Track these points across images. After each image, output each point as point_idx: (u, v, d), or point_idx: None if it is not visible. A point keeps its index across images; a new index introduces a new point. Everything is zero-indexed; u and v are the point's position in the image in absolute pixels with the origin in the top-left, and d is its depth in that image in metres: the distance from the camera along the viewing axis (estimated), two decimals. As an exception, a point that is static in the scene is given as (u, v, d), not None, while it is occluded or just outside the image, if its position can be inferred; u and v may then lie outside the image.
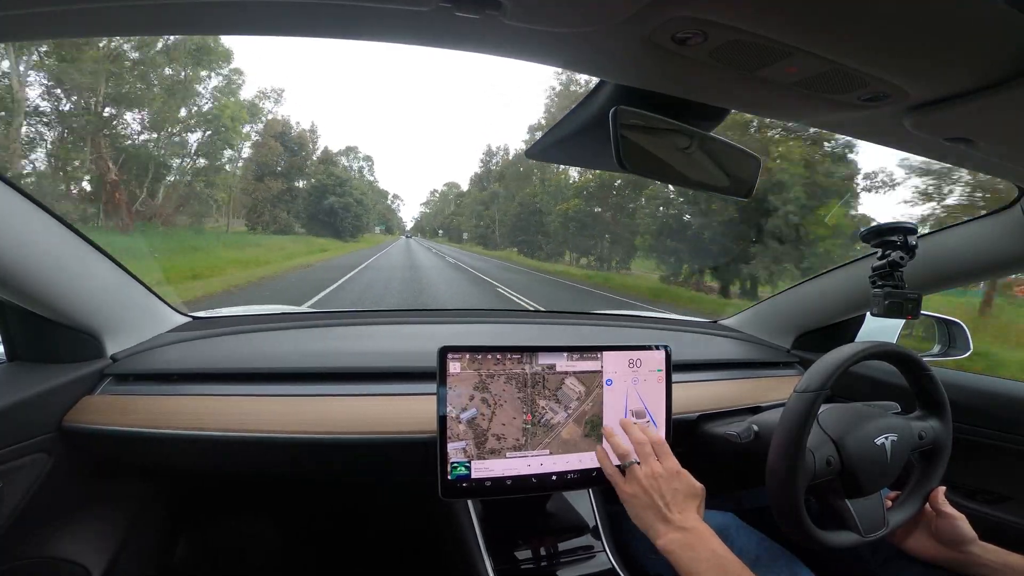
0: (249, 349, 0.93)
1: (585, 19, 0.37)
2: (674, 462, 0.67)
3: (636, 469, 0.66)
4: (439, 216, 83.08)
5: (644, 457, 0.67)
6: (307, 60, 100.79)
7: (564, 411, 0.76)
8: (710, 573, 0.56)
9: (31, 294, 0.67)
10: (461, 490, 0.73)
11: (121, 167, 17.61)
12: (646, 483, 0.64)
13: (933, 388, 0.77)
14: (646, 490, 0.64)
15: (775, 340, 1.28)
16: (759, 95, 0.50)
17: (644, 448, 0.68)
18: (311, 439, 0.75)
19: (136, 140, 18.67)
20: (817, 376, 0.67)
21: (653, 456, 0.67)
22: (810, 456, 0.67)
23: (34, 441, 0.67)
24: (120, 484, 0.88)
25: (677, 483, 0.64)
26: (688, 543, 0.59)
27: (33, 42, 11.23)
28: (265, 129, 29.04)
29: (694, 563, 0.57)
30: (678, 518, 0.61)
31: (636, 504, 0.64)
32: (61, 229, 0.68)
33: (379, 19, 0.38)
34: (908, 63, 0.40)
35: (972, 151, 0.57)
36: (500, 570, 0.77)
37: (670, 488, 0.64)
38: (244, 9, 0.38)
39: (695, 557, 0.57)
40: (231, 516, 1.14)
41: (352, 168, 49.60)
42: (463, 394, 0.72)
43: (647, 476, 0.65)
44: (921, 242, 0.75)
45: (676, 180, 0.58)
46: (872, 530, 0.70)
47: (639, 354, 0.80)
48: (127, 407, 0.75)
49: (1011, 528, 0.90)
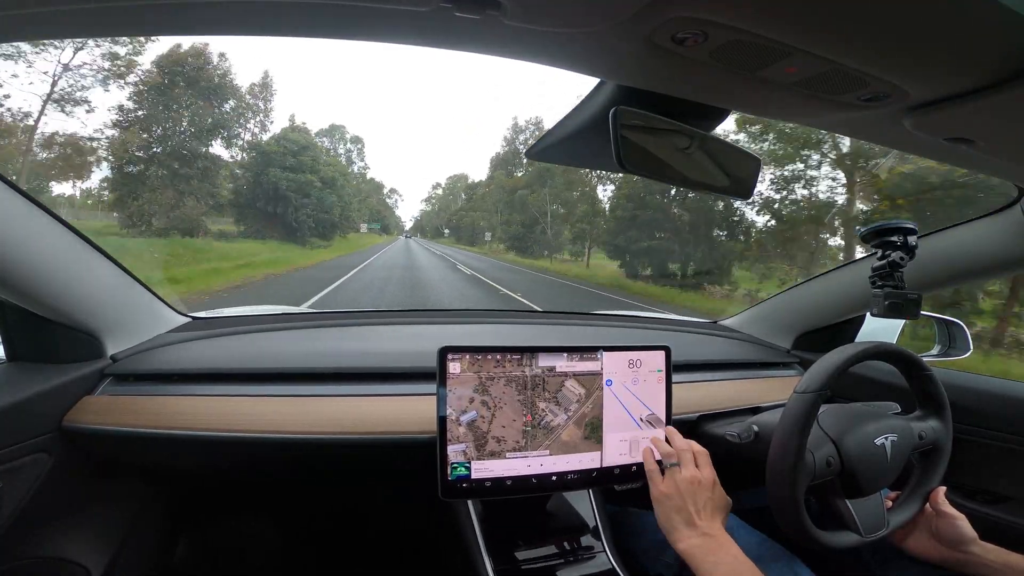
0: (249, 349, 0.93)
1: (585, 19, 0.37)
2: (713, 472, 0.70)
3: (676, 471, 0.69)
4: (443, 213, 72.04)
5: (686, 463, 0.70)
6: (300, 46, 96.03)
7: (564, 413, 0.76)
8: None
9: (31, 294, 0.67)
10: (461, 490, 0.73)
11: None
12: (683, 487, 0.67)
13: (933, 388, 0.77)
14: (681, 493, 0.66)
15: (775, 340, 1.28)
16: (759, 95, 0.50)
17: (686, 455, 0.70)
18: (311, 439, 0.75)
19: None
20: (817, 377, 0.67)
21: (694, 464, 0.70)
22: (810, 456, 0.67)
23: (34, 441, 0.67)
24: (120, 484, 0.88)
25: (711, 493, 0.67)
26: (710, 548, 0.61)
27: (33, 42, 10.99)
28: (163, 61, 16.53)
29: (714, 567, 0.59)
30: (705, 525, 0.64)
31: (667, 505, 0.67)
32: (61, 229, 0.68)
33: (379, 19, 0.38)
34: (908, 63, 0.40)
35: (972, 151, 0.57)
36: (500, 570, 0.77)
37: (704, 496, 0.66)
38: (243, 9, 0.38)
39: (716, 562, 0.60)
40: (231, 516, 1.14)
41: (337, 152, 37.55)
42: (463, 396, 0.72)
43: (685, 480, 0.67)
44: (921, 242, 0.75)
45: (676, 180, 0.58)
46: (872, 530, 0.70)
47: (639, 354, 0.80)
48: (127, 407, 0.75)
49: (1011, 528, 0.90)
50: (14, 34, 0.42)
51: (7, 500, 0.64)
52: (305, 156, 22.30)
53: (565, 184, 25.30)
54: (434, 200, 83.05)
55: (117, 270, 0.81)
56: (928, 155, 0.63)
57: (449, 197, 74.41)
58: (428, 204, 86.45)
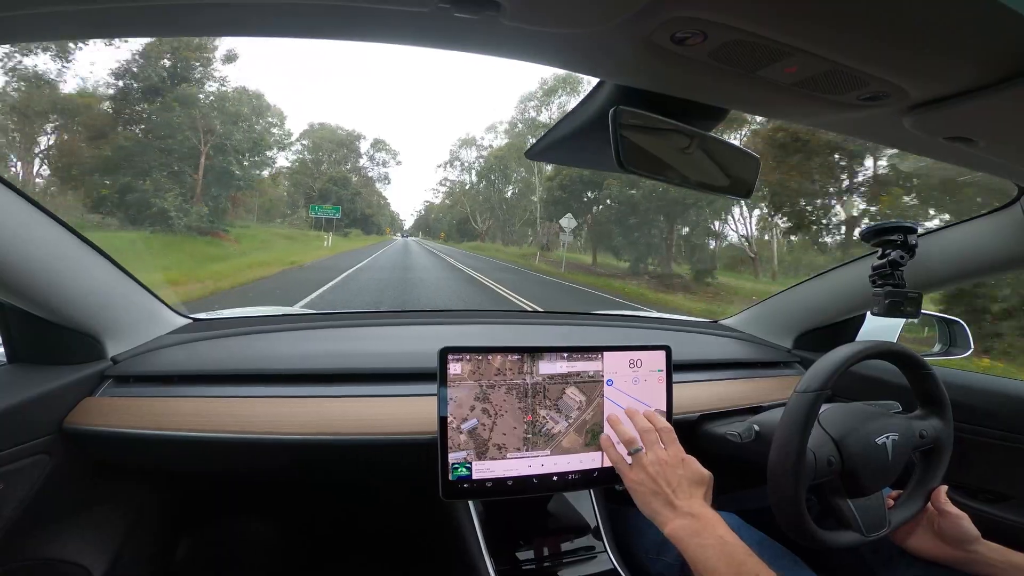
0: (250, 351, 0.93)
1: (584, 19, 0.37)
2: (679, 449, 0.67)
3: (641, 456, 0.66)
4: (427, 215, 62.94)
5: (649, 444, 0.67)
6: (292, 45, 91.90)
7: (565, 420, 0.76)
8: (716, 559, 0.56)
9: (32, 296, 0.67)
10: (462, 491, 0.73)
11: None
12: (651, 470, 0.64)
13: (934, 387, 0.77)
14: (652, 477, 0.64)
15: (776, 340, 1.28)
16: (759, 95, 0.50)
17: (650, 436, 0.67)
18: (311, 440, 0.75)
19: None
20: (818, 376, 0.67)
21: (659, 443, 0.67)
22: (811, 456, 0.67)
23: (35, 443, 0.67)
24: (121, 485, 0.88)
25: (682, 469, 0.64)
26: (694, 529, 0.59)
27: (33, 42, 10.88)
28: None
29: (701, 549, 0.57)
30: (684, 504, 0.61)
31: (642, 491, 0.64)
32: (61, 231, 0.68)
33: (378, 20, 0.38)
34: (908, 63, 0.40)
35: (972, 151, 0.57)
36: (501, 571, 0.77)
37: (675, 474, 0.63)
38: (243, 10, 0.38)
39: (701, 543, 0.57)
40: (231, 517, 1.14)
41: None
42: (464, 404, 0.72)
43: (652, 463, 0.65)
44: (921, 241, 0.76)
45: (676, 180, 0.58)
46: (874, 529, 0.70)
47: (640, 354, 0.80)
48: (128, 409, 0.75)
49: (1013, 527, 0.90)
50: (14, 34, 0.42)
51: (8, 501, 0.64)
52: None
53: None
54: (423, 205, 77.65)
55: (117, 271, 0.81)
56: (928, 154, 0.63)
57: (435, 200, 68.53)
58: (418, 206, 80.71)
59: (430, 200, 66.32)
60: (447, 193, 48.24)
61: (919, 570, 0.76)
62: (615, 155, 0.51)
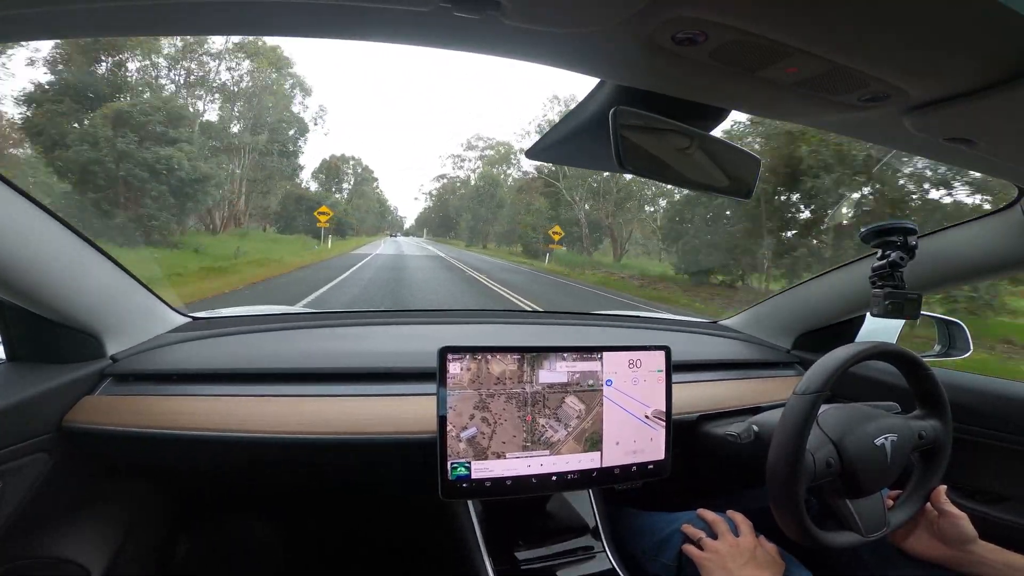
0: (250, 350, 0.93)
1: (585, 19, 0.37)
2: (753, 540, 0.76)
3: (714, 541, 0.75)
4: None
5: (722, 533, 0.77)
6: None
7: (564, 429, 0.77)
8: None
9: (31, 294, 0.67)
10: (461, 490, 0.73)
11: None
12: (723, 550, 0.73)
13: (933, 388, 0.77)
14: (721, 554, 0.72)
15: (775, 340, 1.28)
16: (759, 95, 0.50)
17: (720, 526, 0.79)
18: (311, 439, 0.75)
19: None
20: (817, 377, 0.67)
21: (732, 533, 0.77)
22: (810, 457, 0.67)
23: (34, 441, 0.67)
24: (120, 484, 0.88)
25: (753, 555, 0.73)
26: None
27: (33, 42, 10.63)
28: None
29: None
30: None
31: (709, 566, 0.72)
32: (61, 229, 0.68)
33: (378, 19, 0.38)
34: (908, 63, 0.40)
35: (972, 151, 0.57)
36: (500, 571, 0.77)
37: (744, 558, 0.72)
38: (244, 9, 0.38)
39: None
40: (231, 516, 1.14)
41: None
42: (463, 413, 0.72)
43: (723, 545, 0.74)
44: (921, 242, 0.75)
45: (676, 181, 0.58)
46: (873, 530, 0.70)
47: (639, 354, 0.80)
48: (127, 407, 0.75)
49: (1011, 528, 0.90)
50: (14, 34, 0.42)
51: (7, 500, 0.64)
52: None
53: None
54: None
55: (117, 270, 0.81)
56: (928, 155, 0.63)
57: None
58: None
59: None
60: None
61: (917, 570, 0.76)
62: (615, 155, 0.51)
